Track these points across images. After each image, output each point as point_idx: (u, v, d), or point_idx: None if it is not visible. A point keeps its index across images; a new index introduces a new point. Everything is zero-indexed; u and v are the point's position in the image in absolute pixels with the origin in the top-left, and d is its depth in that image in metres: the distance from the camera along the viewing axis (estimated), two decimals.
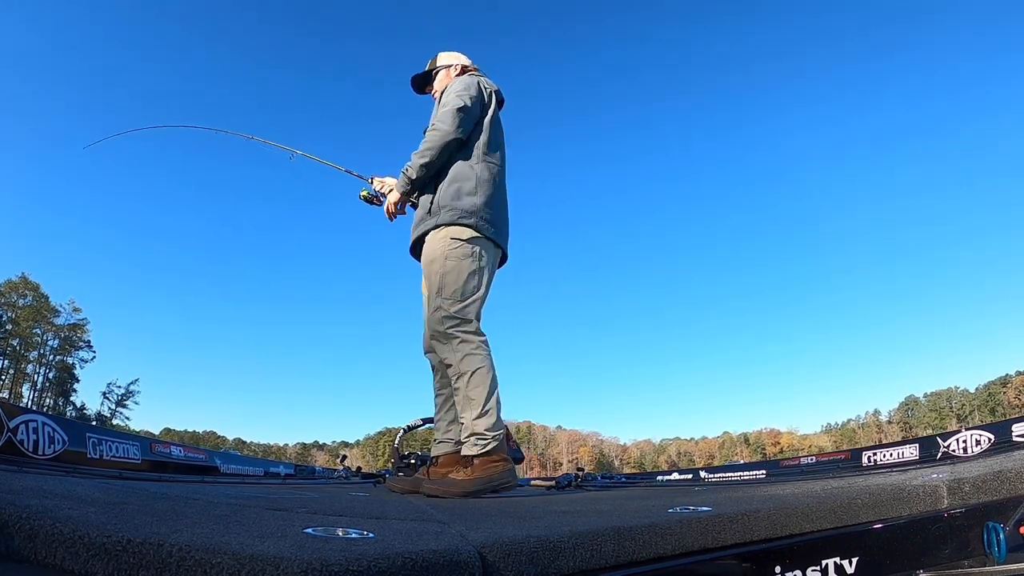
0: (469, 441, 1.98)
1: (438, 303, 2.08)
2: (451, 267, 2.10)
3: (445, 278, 2.09)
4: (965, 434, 11.80)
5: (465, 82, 2.27)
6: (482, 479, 1.90)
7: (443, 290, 2.08)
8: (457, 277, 2.10)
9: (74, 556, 0.55)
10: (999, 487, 1.15)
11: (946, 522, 1.06)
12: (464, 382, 2.02)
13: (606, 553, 0.78)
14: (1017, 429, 10.58)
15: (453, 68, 2.51)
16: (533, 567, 0.71)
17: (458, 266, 2.10)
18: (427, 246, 2.19)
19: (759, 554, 0.89)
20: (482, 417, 1.98)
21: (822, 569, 0.91)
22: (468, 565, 0.64)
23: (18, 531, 0.57)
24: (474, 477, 1.90)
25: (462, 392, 2.02)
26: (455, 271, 2.10)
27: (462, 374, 2.03)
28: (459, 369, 2.03)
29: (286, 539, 0.65)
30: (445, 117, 2.15)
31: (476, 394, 2.00)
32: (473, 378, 2.02)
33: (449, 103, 2.18)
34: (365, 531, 0.75)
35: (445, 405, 2.27)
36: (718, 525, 0.89)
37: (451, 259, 2.11)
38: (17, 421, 6.36)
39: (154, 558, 0.54)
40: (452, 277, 2.10)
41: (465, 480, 1.89)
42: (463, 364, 2.03)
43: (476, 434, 1.97)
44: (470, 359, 2.03)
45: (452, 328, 2.06)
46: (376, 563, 0.58)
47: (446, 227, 2.14)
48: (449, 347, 2.06)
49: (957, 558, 1.05)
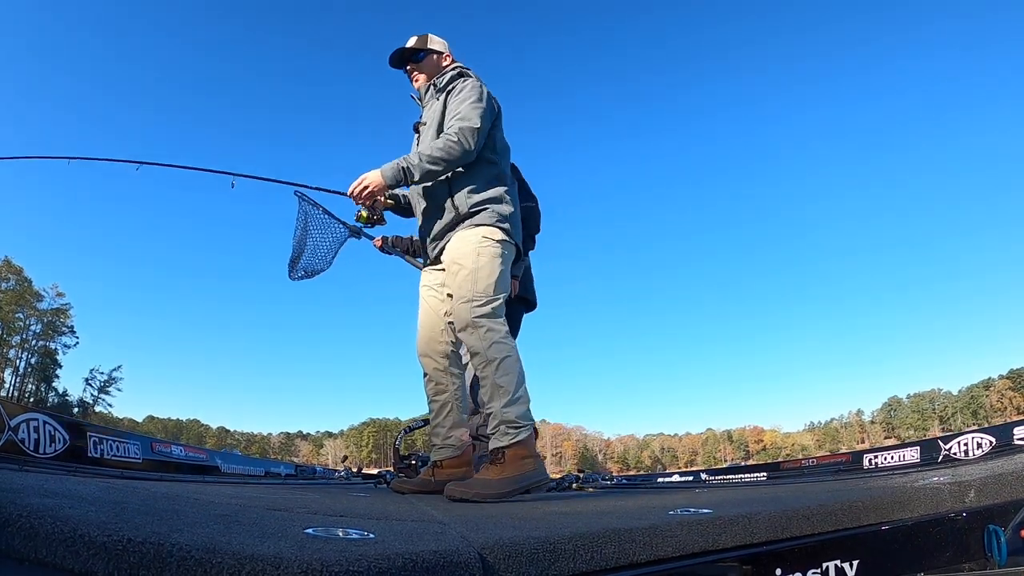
0: (499, 431, 1.91)
1: (469, 296, 2.05)
2: (484, 264, 2.09)
3: (478, 273, 2.08)
4: (966, 437, 11.78)
5: (479, 92, 2.20)
6: (514, 478, 1.83)
7: (476, 284, 2.07)
8: (490, 274, 2.09)
9: (75, 555, 0.55)
10: (1000, 490, 1.15)
11: (947, 525, 1.06)
12: (492, 369, 1.98)
13: (606, 555, 0.78)
14: (1018, 432, 10.56)
15: (445, 57, 2.43)
16: (533, 568, 0.71)
17: (491, 264, 2.10)
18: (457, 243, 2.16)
19: (760, 556, 0.89)
20: (513, 405, 1.94)
21: (823, 572, 0.90)
22: (468, 566, 0.64)
23: (19, 530, 0.57)
24: (505, 476, 1.82)
25: (490, 380, 1.98)
26: (488, 268, 2.09)
27: (490, 361, 1.99)
28: (487, 356, 1.99)
29: (286, 539, 0.65)
30: (468, 134, 2.09)
31: (506, 381, 1.96)
32: (502, 365, 1.98)
33: (471, 118, 2.12)
34: (366, 532, 0.75)
35: (442, 411, 2.26)
36: (719, 527, 0.89)
37: (484, 256, 2.10)
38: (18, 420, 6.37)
39: (154, 558, 0.54)
40: (485, 273, 2.09)
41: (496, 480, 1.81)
42: (491, 351, 1.99)
43: (507, 422, 1.91)
44: (499, 347, 2.01)
45: (482, 317, 2.03)
46: (376, 564, 0.58)
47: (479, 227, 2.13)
48: (477, 335, 2.02)
49: (958, 561, 1.05)
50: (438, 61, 2.41)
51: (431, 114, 2.28)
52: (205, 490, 1.69)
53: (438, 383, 2.27)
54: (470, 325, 2.04)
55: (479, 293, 2.06)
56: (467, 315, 2.04)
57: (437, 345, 2.28)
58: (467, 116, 2.13)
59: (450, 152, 2.09)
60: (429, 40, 2.43)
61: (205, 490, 1.69)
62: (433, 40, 2.44)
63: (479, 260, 2.09)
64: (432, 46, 2.42)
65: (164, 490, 1.38)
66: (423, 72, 2.40)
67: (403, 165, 2.11)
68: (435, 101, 2.30)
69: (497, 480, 1.81)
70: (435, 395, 2.28)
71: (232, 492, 1.65)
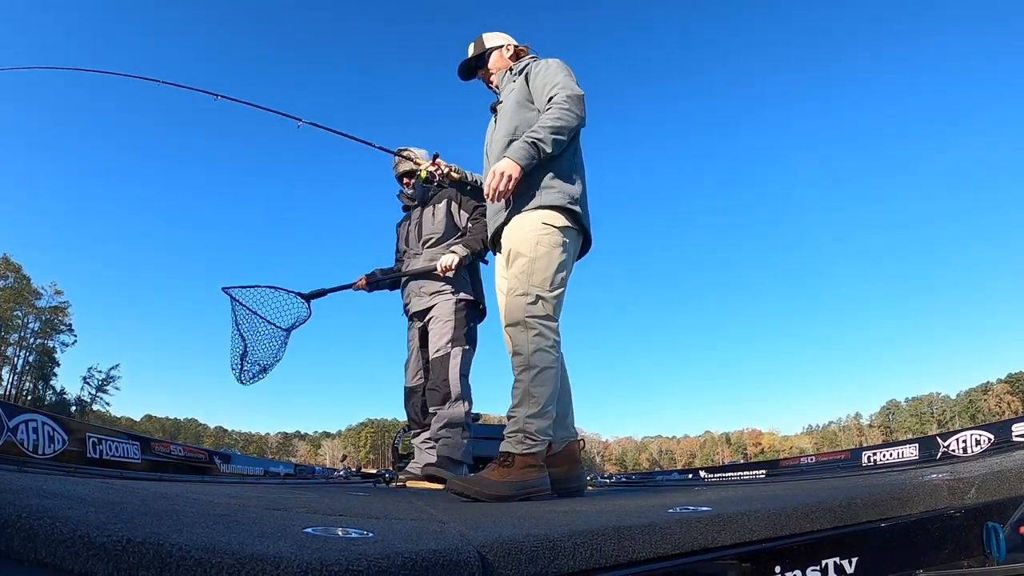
0: (515, 437, 1.87)
1: (524, 288, 1.97)
2: (543, 253, 2.00)
3: (535, 264, 1.99)
4: (965, 434, 11.79)
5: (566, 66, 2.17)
6: (517, 483, 1.80)
7: (532, 276, 1.98)
8: (547, 265, 2.00)
9: (74, 556, 0.55)
10: (999, 487, 1.15)
11: (946, 522, 1.06)
12: (529, 376, 1.92)
13: (606, 553, 0.78)
14: (1017, 429, 10.57)
15: (506, 48, 2.41)
16: (533, 567, 0.71)
17: (549, 253, 2.01)
18: (514, 229, 2.08)
19: (759, 554, 0.89)
20: (538, 418, 1.89)
21: (822, 569, 0.90)
22: (468, 565, 0.64)
23: (18, 531, 0.57)
24: (509, 480, 1.80)
25: (524, 385, 1.92)
26: (546, 258, 2.00)
27: (530, 367, 1.92)
28: (528, 362, 1.93)
29: (286, 539, 0.65)
30: (576, 102, 2.05)
31: (539, 392, 1.91)
32: (540, 375, 1.92)
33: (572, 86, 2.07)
34: (365, 531, 0.75)
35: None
36: (718, 525, 0.89)
37: (543, 245, 2.01)
38: (17, 420, 6.36)
39: (154, 558, 0.54)
40: (543, 264, 2.00)
41: (499, 482, 1.79)
42: (534, 358, 1.93)
43: (525, 432, 1.87)
44: (542, 355, 1.94)
45: (533, 318, 1.96)
46: (376, 563, 0.57)
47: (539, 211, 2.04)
48: (525, 336, 1.95)
49: (957, 558, 1.05)
50: (502, 53, 2.41)
51: (510, 93, 2.24)
52: (204, 490, 1.68)
53: None
54: (521, 323, 1.96)
55: (534, 287, 1.97)
56: (520, 312, 1.96)
57: None
58: (567, 84, 2.09)
59: (567, 119, 2.03)
60: (485, 40, 2.44)
61: (204, 490, 1.68)
62: (488, 38, 2.45)
63: (537, 250, 2.00)
64: (490, 44, 2.42)
65: (163, 490, 1.38)
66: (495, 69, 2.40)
67: (530, 141, 1.99)
68: (512, 82, 2.27)
69: (500, 482, 1.79)
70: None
71: (231, 492, 1.65)
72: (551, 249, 2.02)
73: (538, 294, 1.97)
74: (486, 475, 1.84)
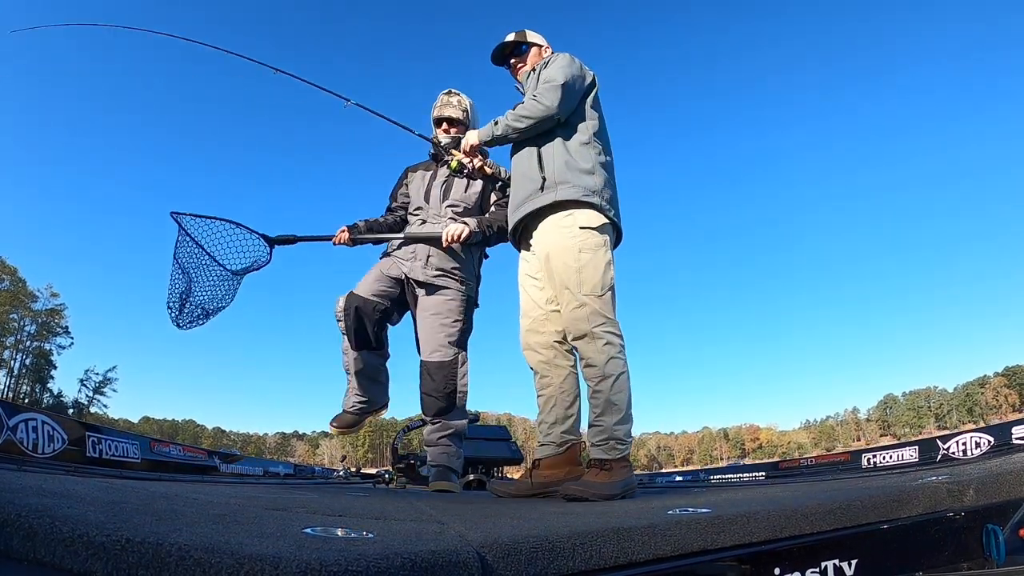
0: (608, 444, 1.93)
1: (581, 299, 1.98)
2: (587, 260, 2.01)
3: (583, 272, 2.00)
4: (964, 436, 11.80)
5: (568, 59, 2.20)
6: (621, 482, 1.87)
7: (583, 285, 1.99)
8: (595, 270, 2.01)
9: (73, 555, 0.55)
10: (998, 490, 1.15)
11: (945, 524, 1.06)
12: (608, 385, 1.96)
13: (605, 554, 0.78)
14: (1017, 432, 10.58)
15: (545, 49, 2.44)
16: (532, 567, 0.71)
17: (594, 257, 2.02)
18: (547, 233, 2.10)
19: (758, 556, 0.89)
20: (624, 423, 1.95)
21: (821, 571, 0.91)
22: (467, 565, 0.64)
23: (17, 530, 0.57)
24: (614, 480, 1.87)
25: (604, 395, 1.96)
26: (592, 264, 2.01)
27: (607, 376, 1.96)
28: (604, 372, 1.96)
29: (285, 539, 0.65)
30: (547, 91, 2.09)
31: (619, 399, 1.95)
32: (618, 382, 1.96)
33: (553, 78, 2.11)
34: (365, 531, 0.75)
35: (547, 406, 2.19)
36: (717, 526, 0.89)
37: (585, 251, 2.02)
38: (16, 420, 6.36)
39: (153, 557, 0.54)
40: (591, 271, 2.01)
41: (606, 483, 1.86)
42: (608, 367, 1.96)
43: (617, 439, 1.93)
44: (616, 363, 1.97)
45: (599, 328, 1.97)
46: (375, 563, 0.57)
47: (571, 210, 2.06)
48: (594, 347, 1.97)
49: (956, 560, 1.05)
50: (540, 53, 2.44)
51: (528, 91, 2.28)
52: (203, 490, 1.68)
53: (543, 376, 2.19)
54: (587, 335, 1.98)
55: (587, 295, 1.99)
56: (585, 325, 1.98)
57: (539, 336, 2.20)
58: (550, 77, 2.13)
59: (532, 109, 2.10)
60: (528, 35, 2.47)
61: (203, 490, 1.68)
62: (532, 35, 2.48)
63: (580, 258, 2.01)
64: (533, 40, 2.46)
65: (163, 490, 1.38)
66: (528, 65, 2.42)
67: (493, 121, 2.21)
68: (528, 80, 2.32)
69: (607, 483, 1.85)
70: (540, 389, 2.22)
71: (230, 492, 1.65)
72: (594, 253, 2.03)
73: (594, 302, 2.00)
74: (591, 479, 1.90)
